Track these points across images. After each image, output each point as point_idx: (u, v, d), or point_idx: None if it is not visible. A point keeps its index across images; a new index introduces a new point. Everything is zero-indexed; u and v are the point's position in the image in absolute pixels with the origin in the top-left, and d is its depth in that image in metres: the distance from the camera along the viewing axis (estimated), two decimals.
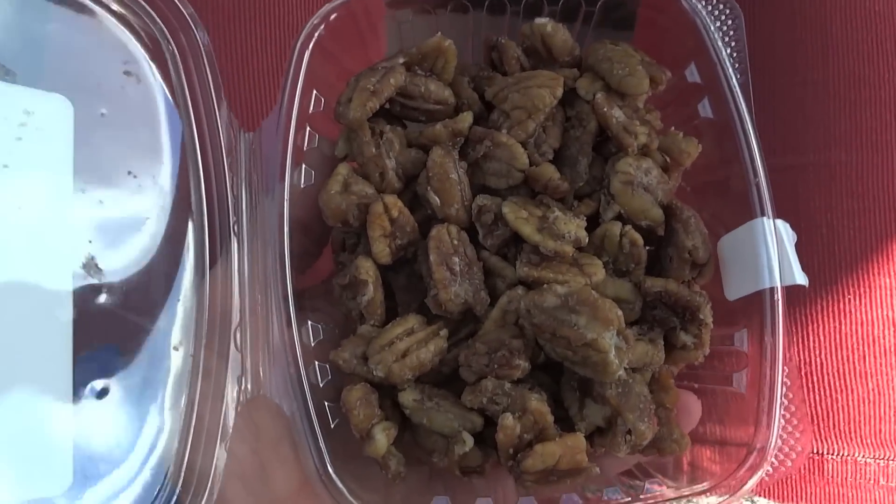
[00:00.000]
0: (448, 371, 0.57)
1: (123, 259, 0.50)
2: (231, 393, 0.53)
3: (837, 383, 0.66)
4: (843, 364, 0.66)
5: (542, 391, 0.54)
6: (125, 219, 0.51)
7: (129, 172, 0.50)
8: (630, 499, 0.52)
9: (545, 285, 0.52)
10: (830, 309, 0.67)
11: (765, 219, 0.53)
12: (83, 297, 0.49)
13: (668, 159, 0.60)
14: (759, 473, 0.51)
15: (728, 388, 0.54)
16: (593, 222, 0.58)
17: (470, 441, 0.52)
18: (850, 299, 0.66)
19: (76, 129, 0.50)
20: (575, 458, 0.50)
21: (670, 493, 0.53)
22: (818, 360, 0.67)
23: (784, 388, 0.51)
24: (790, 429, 0.52)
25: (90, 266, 0.48)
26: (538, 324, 0.51)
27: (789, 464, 0.51)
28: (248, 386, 0.53)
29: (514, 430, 0.50)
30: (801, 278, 0.53)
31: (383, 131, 0.59)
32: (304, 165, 0.57)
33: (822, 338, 0.67)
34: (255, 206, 0.57)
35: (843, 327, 0.66)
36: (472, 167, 0.59)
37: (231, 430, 0.51)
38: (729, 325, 0.55)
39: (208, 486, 0.49)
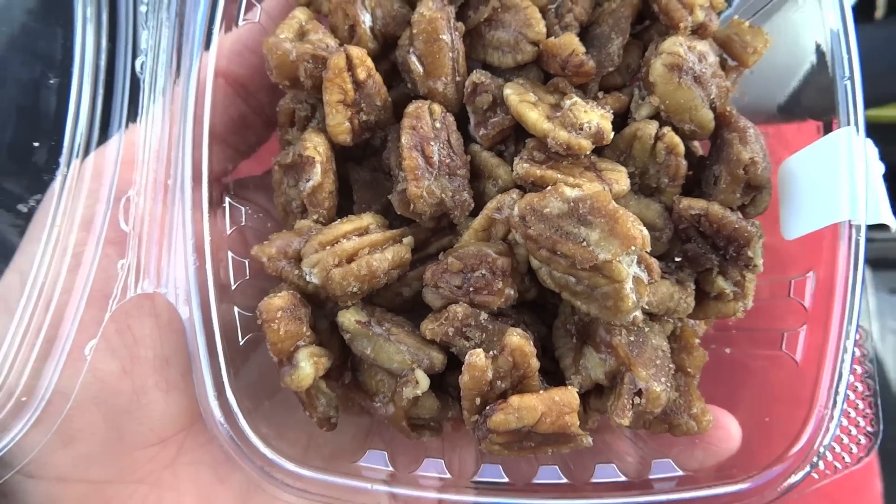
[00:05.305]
0: (410, 294, 0.44)
1: None
2: (115, 288, 0.39)
3: None
4: None
5: (528, 329, 0.41)
6: None
7: None
8: (626, 481, 0.39)
9: (549, 187, 0.38)
10: None
11: (850, 129, 0.39)
12: None
13: (725, 56, 0.46)
14: (805, 472, 0.38)
15: (776, 352, 0.41)
16: (621, 124, 0.44)
17: (424, 382, 0.39)
18: None
19: None
20: (562, 420, 0.37)
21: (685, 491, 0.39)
22: None
23: (851, 361, 0.38)
24: (852, 414, 0.38)
25: None
26: (534, 236, 0.37)
27: (847, 460, 0.38)
28: (136, 280, 0.39)
29: (485, 373, 0.37)
30: (888, 217, 0.39)
31: None
32: None
33: None
34: (181, 51, 0.43)
35: None
36: (472, 36, 0.45)
37: (98, 339, 0.37)
38: (780, 271, 0.42)
39: (41, 409, 0.35)
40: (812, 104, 0.45)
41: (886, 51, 0.65)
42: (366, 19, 0.44)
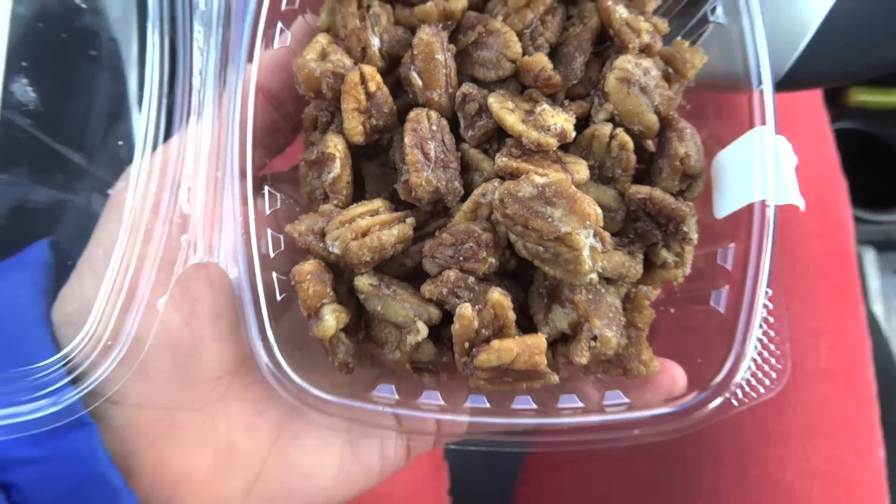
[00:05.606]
0: (412, 265, 0.54)
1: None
2: (179, 258, 0.49)
3: None
4: None
5: (507, 291, 0.51)
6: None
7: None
8: (584, 406, 0.49)
9: (523, 175, 0.48)
10: None
11: (764, 128, 0.49)
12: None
13: (670, 70, 0.56)
14: (723, 398, 0.48)
15: (707, 307, 0.51)
16: (583, 126, 0.54)
17: (424, 330, 0.49)
18: None
19: None
20: (533, 359, 0.47)
21: (629, 413, 0.49)
22: None
23: (765, 311, 0.48)
24: (766, 354, 0.48)
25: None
26: (511, 214, 0.47)
27: (762, 391, 0.47)
28: (194, 251, 0.49)
29: (472, 322, 0.47)
30: (796, 199, 0.49)
31: (370, 5, 0.55)
32: (279, 26, 0.53)
33: None
34: (227, 69, 0.53)
35: None
36: (461, 56, 0.56)
37: (167, 297, 0.47)
38: (714, 244, 0.52)
39: (124, 351, 0.45)
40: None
41: (887, 18, 0.67)
42: (375, 42, 0.55)
